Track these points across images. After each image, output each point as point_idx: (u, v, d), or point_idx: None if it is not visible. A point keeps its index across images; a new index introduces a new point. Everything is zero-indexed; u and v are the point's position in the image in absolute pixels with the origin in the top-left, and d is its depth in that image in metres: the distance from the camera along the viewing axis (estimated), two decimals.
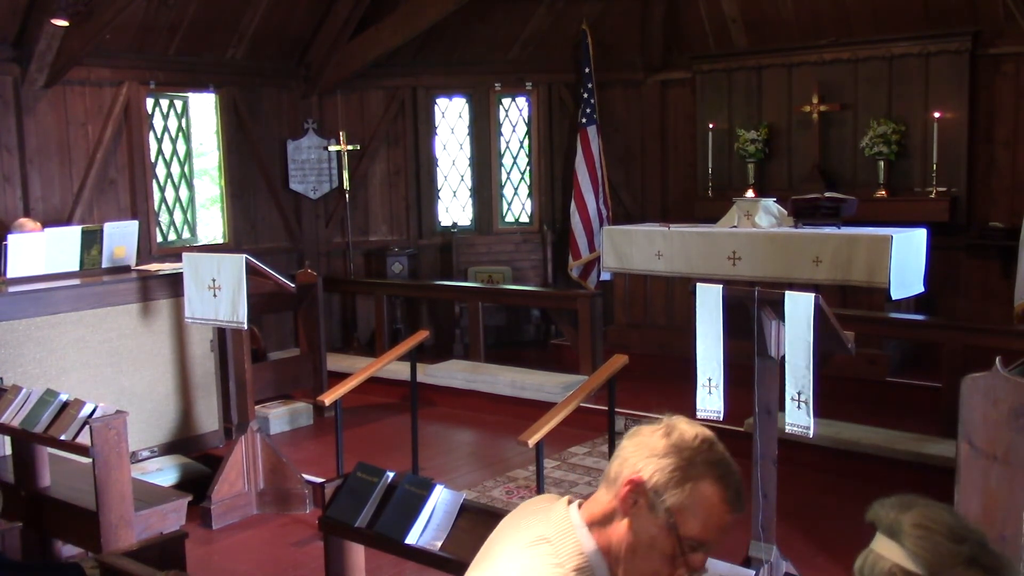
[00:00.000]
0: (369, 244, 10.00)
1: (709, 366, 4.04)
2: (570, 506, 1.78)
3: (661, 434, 1.70)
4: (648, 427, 1.72)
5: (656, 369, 7.88)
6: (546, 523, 1.75)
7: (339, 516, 3.41)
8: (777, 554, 4.03)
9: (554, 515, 1.76)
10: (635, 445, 1.70)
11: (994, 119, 8.07)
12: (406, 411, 6.42)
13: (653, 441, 1.68)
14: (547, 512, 1.79)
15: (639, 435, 1.73)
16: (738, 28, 9.35)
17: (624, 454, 1.71)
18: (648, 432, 1.71)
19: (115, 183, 8.29)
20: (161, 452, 6.22)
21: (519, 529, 1.79)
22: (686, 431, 1.69)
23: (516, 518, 1.86)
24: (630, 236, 8.47)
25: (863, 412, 6.53)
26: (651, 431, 1.71)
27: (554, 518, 1.76)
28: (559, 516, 1.76)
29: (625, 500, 1.67)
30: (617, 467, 1.71)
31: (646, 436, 1.70)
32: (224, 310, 5.51)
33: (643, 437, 1.71)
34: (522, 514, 1.86)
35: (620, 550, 1.68)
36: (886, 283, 7.07)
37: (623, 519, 1.68)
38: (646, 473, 1.65)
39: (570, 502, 1.80)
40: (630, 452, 1.70)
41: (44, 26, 7.08)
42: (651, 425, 1.73)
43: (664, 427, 1.71)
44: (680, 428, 1.70)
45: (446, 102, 10.22)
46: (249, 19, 8.83)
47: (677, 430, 1.69)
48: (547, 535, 1.72)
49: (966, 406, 3.44)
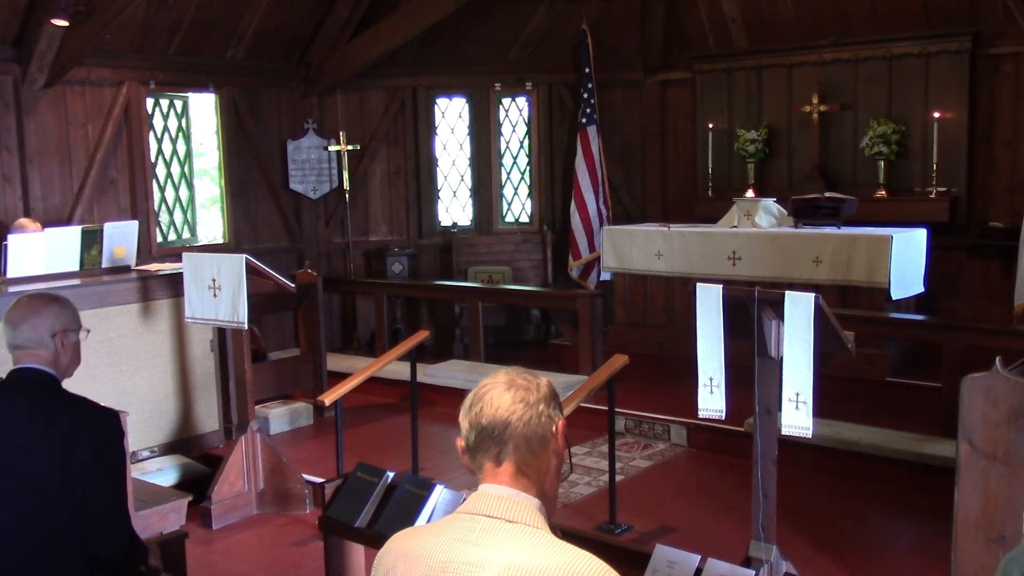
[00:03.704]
0: (369, 244, 10.00)
1: (711, 365, 4.03)
2: (518, 503, 1.83)
3: (530, 391, 1.85)
4: (499, 394, 1.84)
5: (656, 369, 7.88)
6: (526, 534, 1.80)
7: (339, 516, 3.41)
8: (777, 554, 4.03)
9: (524, 518, 1.82)
10: (523, 410, 1.83)
11: (994, 119, 8.07)
12: (406, 411, 6.42)
13: (535, 398, 1.85)
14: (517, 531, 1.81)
15: (514, 403, 1.83)
16: (738, 28, 9.36)
17: (522, 419, 1.83)
18: (517, 398, 1.84)
19: (115, 183, 8.29)
20: (161, 452, 6.22)
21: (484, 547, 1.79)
22: (536, 380, 1.89)
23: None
24: (630, 236, 8.47)
25: (863, 412, 6.53)
26: (516, 395, 1.84)
27: (527, 518, 1.82)
28: (530, 515, 1.82)
29: (561, 444, 1.90)
30: (524, 433, 1.83)
31: (524, 401, 1.84)
32: (224, 310, 5.50)
33: (522, 403, 1.84)
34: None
35: (551, 485, 1.90)
36: (886, 283, 7.07)
37: (554, 460, 1.89)
38: (557, 416, 1.89)
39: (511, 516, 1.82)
40: (528, 415, 1.83)
41: (44, 26, 7.08)
42: (497, 392, 1.85)
43: (522, 386, 1.86)
44: (532, 381, 1.88)
45: (446, 102, 10.23)
46: (249, 19, 8.83)
47: (533, 383, 1.87)
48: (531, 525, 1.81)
49: (966, 406, 3.44)
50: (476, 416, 1.83)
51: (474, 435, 1.84)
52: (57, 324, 2.75)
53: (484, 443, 1.83)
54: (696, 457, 6.50)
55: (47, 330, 2.72)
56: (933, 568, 4.63)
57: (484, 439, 1.83)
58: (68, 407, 2.70)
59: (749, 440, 4.16)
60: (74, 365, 2.86)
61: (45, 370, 2.73)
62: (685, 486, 6.03)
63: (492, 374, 1.90)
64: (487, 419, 1.82)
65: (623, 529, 5.18)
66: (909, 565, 4.84)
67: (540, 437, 1.84)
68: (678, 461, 6.47)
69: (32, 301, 2.79)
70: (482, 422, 1.83)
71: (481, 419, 1.83)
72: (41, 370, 2.72)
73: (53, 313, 2.75)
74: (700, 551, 3.11)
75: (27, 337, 2.71)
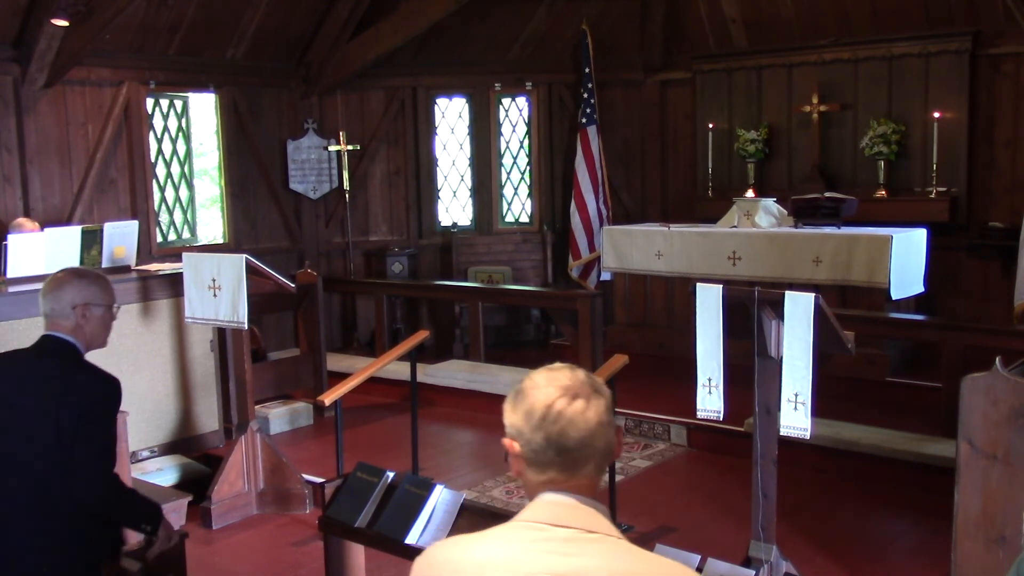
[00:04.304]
0: (369, 244, 10.00)
1: (709, 366, 4.04)
2: (594, 513, 1.77)
3: (606, 406, 1.79)
4: (582, 413, 1.76)
5: (656, 369, 7.88)
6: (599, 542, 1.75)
7: (339, 516, 3.41)
8: (777, 554, 4.03)
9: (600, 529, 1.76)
10: (605, 429, 1.78)
11: (994, 119, 8.07)
12: (406, 411, 6.42)
13: (609, 414, 1.79)
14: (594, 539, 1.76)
15: (600, 424, 1.77)
16: (738, 28, 9.36)
17: (604, 437, 1.78)
18: (600, 417, 1.77)
19: (115, 183, 8.29)
20: (161, 452, 6.22)
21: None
22: (603, 387, 1.82)
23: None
24: (630, 236, 8.47)
25: (863, 412, 6.53)
26: (598, 414, 1.77)
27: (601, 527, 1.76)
28: (607, 525, 1.76)
29: (618, 451, 1.87)
30: (603, 451, 1.78)
31: (606, 422, 1.78)
32: (224, 310, 5.50)
33: (605, 423, 1.78)
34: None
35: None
36: (886, 283, 7.07)
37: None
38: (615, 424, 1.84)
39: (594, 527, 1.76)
40: (608, 433, 1.79)
41: (44, 26, 7.08)
42: (579, 409, 1.76)
43: (599, 402, 1.78)
44: (601, 388, 1.81)
45: (446, 102, 10.23)
46: (249, 19, 8.83)
47: (604, 391, 1.81)
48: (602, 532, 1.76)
49: (966, 406, 3.44)
50: (559, 437, 1.74)
51: (552, 452, 1.75)
52: (79, 298, 3.03)
53: (561, 459, 1.76)
54: (696, 457, 6.50)
55: (68, 302, 3.02)
56: (933, 568, 4.63)
57: (564, 457, 1.76)
58: (71, 371, 2.98)
59: (749, 440, 4.17)
60: (99, 337, 3.13)
61: (65, 338, 3.03)
62: (685, 486, 6.03)
63: (550, 373, 1.81)
64: (573, 442, 1.74)
65: (623, 529, 5.18)
66: (909, 565, 4.85)
67: (610, 450, 1.80)
68: (678, 461, 6.47)
69: (60, 275, 3.10)
70: (567, 444, 1.74)
71: (566, 441, 1.74)
72: (61, 338, 3.03)
73: (76, 288, 3.04)
74: (700, 551, 3.10)
75: (51, 307, 3.04)
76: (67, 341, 3.03)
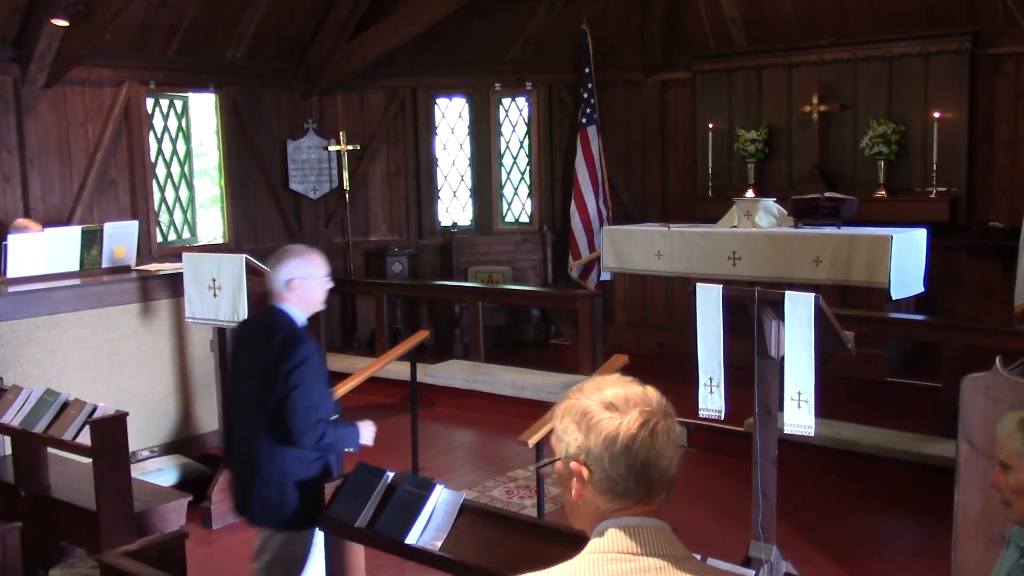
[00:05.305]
0: (369, 244, 10.00)
1: (710, 366, 4.04)
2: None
3: (658, 427, 1.70)
4: (666, 443, 1.70)
5: (656, 369, 7.80)
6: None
7: (339, 516, 3.41)
8: (777, 554, 4.03)
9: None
10: (678, 454, 1.73)
11: (994, 119, 8.07)
12: (406, 411, 6.42)
13: (670, 430, 1.71)
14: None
15: (676, 450, 1.72)
16: (738, 28, 9.36)
17: (676, 461, 1.73)
18: (675, 441, 1.71)
19: (115, 183, 8.28)
20: (161, 452, 6.21)
21: None
22: (670, 408, 1.76)
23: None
24: (630, 236, 8.47)
25: (863, 412, 6.53)
26: (673, 437, 1.71)
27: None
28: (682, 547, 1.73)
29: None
30: (671, 467, 1.72)
31: (678, 444, 1.72)
32: (224, 310, 5.50)
33: (678, 447, 1.72)
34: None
35: None
36: (886, 283, 7.07)
37: None
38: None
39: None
40: (673, 448, 1.73)
41: (44, 26, 7.08)
42: (664, 441, 1.70)
43: (672, 425, 1.72)
44: (671, 410, 1.75)
45: (446, 102, 10.23)
46: (249, 19, 8.83)
47: (672, 412, 1.75)
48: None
49: (966, 406, 3.44)
50: (643, 468, 1.66)
51: (633, 481, 1.67)
52: (289, 273, 3.58)
53: (640, 488, 1.68)
54: (696, 457, 6.49)
55: (283, 278, 3.58)
56: (933, 568, 4.63)
57: (644, 486, 1.68)
58: (282, 339, 3.54)
59: (749, 440, 4.17)
60: (312, 304, 3.69)
61: (282, 308, 3.61)
62: (685, 486, 6.02)
63: (627, 394, 1.71)
64: (657, 472, 1.67)
65: None
66: (909, 565, 4.85)
67: (675, 470, 1.74)
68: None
69: (277, 254, 3.66)
70: (650, 475, 1.67)
71: (649, 472, 1.66)
72: (279, 308, 3.62)
73: (287, 266, 3.59)
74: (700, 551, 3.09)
75: (271, 283, 3.63)
76: (282, 311, 3.60)
